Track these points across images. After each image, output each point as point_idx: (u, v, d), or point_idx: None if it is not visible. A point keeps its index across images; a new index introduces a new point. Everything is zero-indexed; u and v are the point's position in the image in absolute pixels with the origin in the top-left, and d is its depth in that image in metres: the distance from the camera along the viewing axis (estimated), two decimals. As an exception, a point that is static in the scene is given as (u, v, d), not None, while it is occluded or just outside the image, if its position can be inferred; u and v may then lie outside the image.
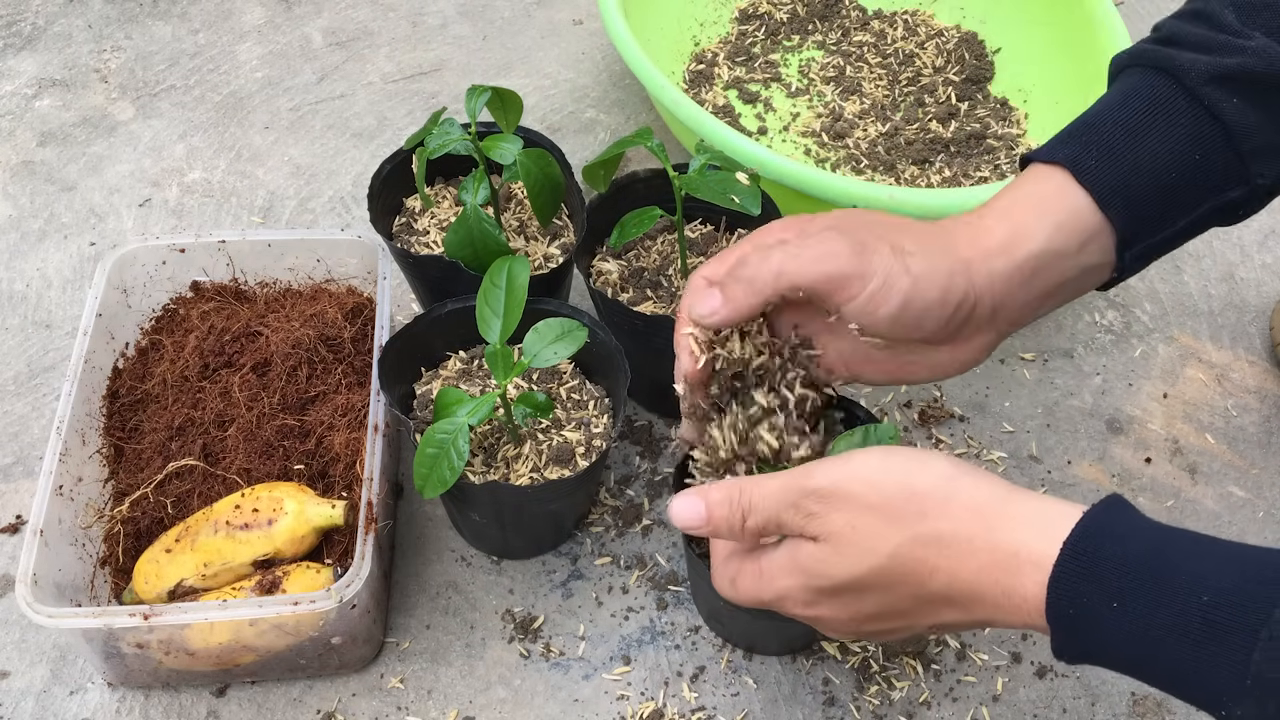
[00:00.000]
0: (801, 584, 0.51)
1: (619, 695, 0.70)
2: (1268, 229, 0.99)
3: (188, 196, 0.98)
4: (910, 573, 0.48)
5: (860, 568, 0.49)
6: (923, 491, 0.48)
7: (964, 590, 0.47)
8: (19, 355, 0.86)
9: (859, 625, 0.52)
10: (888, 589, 0.49)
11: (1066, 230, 0.54)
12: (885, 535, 0.48)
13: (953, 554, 0.47)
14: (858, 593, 0.50)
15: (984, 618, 0.48)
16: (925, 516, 0.48)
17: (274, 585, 0.65)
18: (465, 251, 0.72)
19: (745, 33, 1.12)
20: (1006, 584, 0.46)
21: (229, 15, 1.15)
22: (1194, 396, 0.87)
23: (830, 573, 0.50)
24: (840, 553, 0.49)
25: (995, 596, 0.46)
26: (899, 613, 0.50)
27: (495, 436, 0.70)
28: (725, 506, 0.52)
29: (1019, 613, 0.46)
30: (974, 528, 0.47)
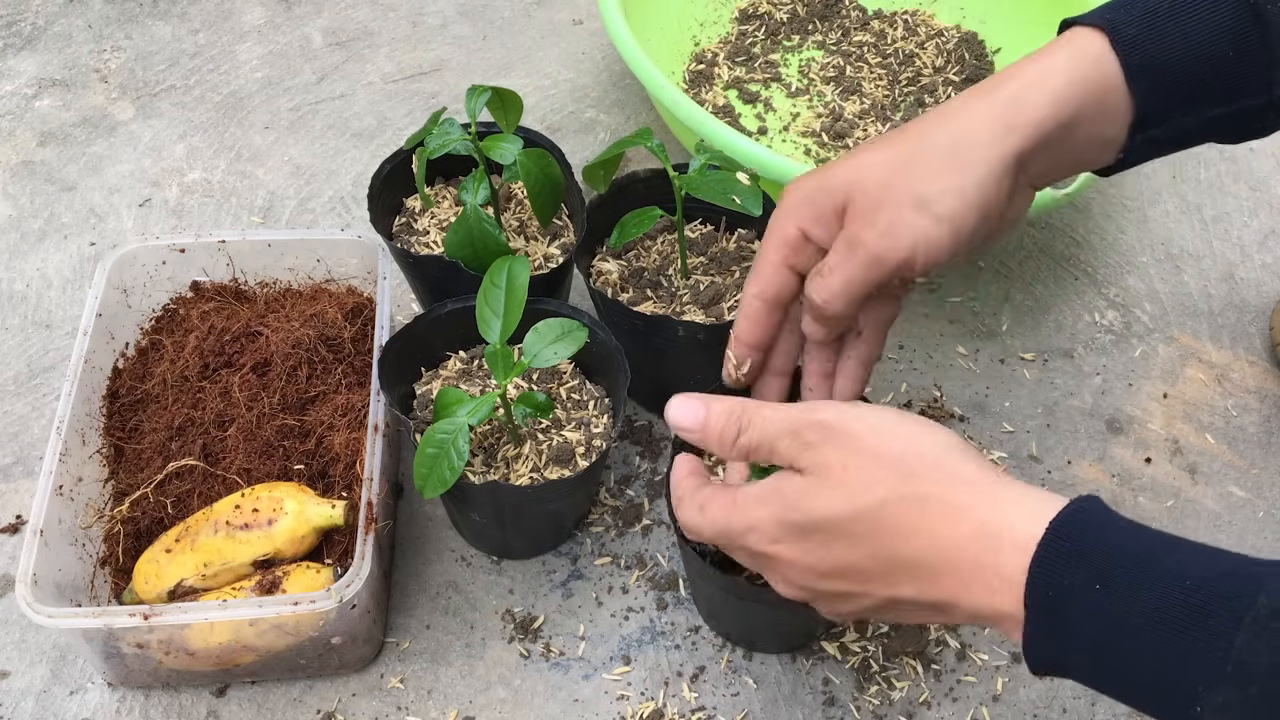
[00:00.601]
0: (774, 515, 0.50)
1: (619, 695, 0.70)
2: (1268, 229, 0.99)
3: (188, 196, 0.98)
4: (888, 528, 0.47)
5: (840, 508, 0.48)
6: (923, 453, 0.48)
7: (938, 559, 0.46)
8: (19, 355, 0.86)
9: (811, 579, 0.50)
10: (858, 539, 0.48)
11: (1091, 98, 0.54)
12: (876, 482, 0.48)
13: (937, 519, 0.46)
14: (827, 535, 0.49)
15: (944, 597, 0.47)
16: (918, 477, 0.47)
17: (274, 585, 0.65)
18: (465, 251, 0.72)
19: (745, 33, 1.12)
20: (984, 560, 0.45)
21: (229, 15, 1.15)
22: (1194, 396, 0.87)
23: (808, 505, 0.49)
24: (825, 487, 0.49)
25: (969, 571, 0.45)
26: (859, 572, 0.49)
27: (495, 436, 0.70)
28: (724, 417, 0.52)
29: (987, 593, 0.45)
30: (965, 499, 0.46)
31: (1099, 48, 0.54)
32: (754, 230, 0.80)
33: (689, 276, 0.77)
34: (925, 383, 0.86)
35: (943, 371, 0.87)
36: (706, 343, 0.73)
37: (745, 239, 0.80)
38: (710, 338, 0.72)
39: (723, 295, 0.75)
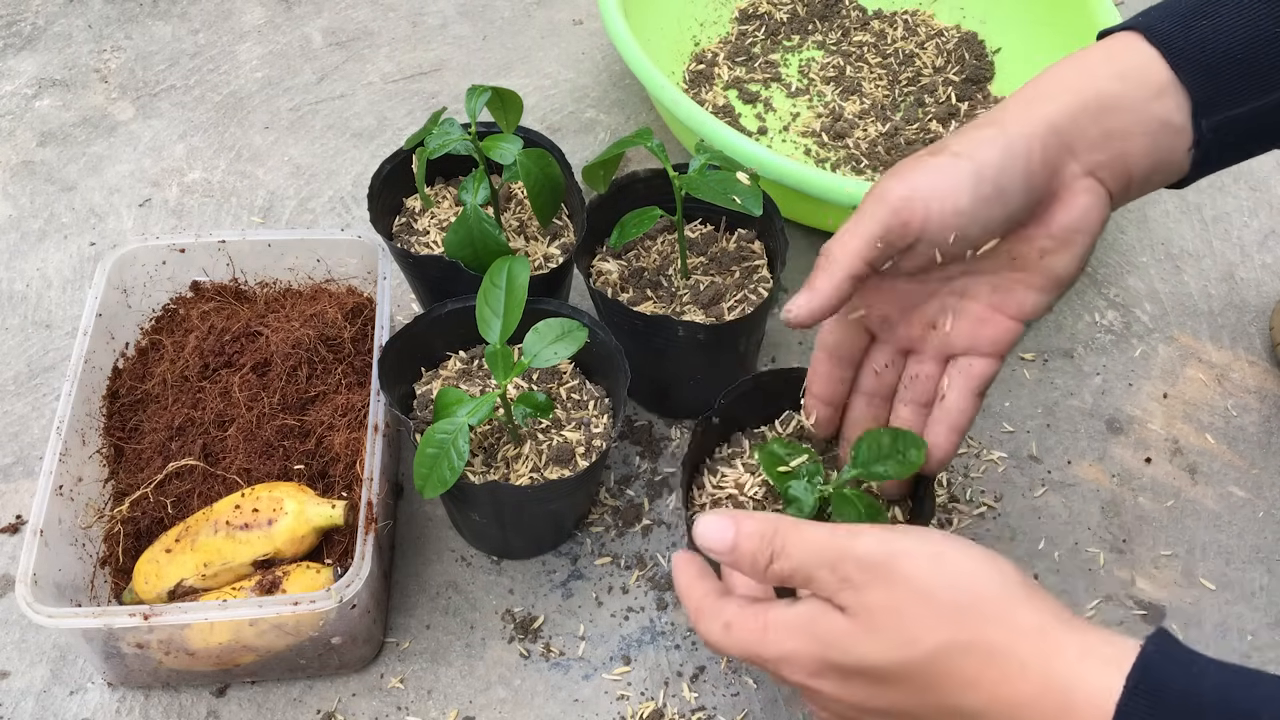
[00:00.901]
0: (813, 653, 0.46)
1: (619, 695, 0.70)
2: (1268, 229, 0.99)
3: (188, 196, 0.98)
4: (944, 679, 0.43)
5: (889, 657, 0.44)
6: (984, 594, 0.44)
7: (999, 715, 0.43)
8: (19, 355, 0.86)
9: (861, 715, 0.47)
10: (911, 689, 0.44)
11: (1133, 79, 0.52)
12: (929, 630, 0.43)
13: (1000, 672, 0.42)
14: (875, 683, 0.45)
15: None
16: (976, 623, 0.43)
17: (274, 585, 0.65)
18: (465, 251, 0.72)
19: (745, 33, 1.12)
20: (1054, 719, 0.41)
21: (229, 15, 1.15)
22: (1194, 396, 0.87)
23: (853, 651, 0.45)
24: (871, 634, 0.45)
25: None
26: (909, 714, 0.45)
27: (495, 436, 0.70)
28: (755, 540, 0.48)
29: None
30: (1031, 650, 0.42)
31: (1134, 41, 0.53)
32: (754, 230, 0.80)
33: (689, 276, 0.77)
34: (925, 383, 0.86)
35: (943, 371, 0.87)
36: (706, 343, 0.73)
37: (745, 239, 0.80)
38: (710, 338, 0.72)
39: (723, 295, 0.75)
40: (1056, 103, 0.52)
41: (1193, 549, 0.78)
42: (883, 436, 0.59)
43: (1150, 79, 0.52)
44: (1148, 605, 0.75)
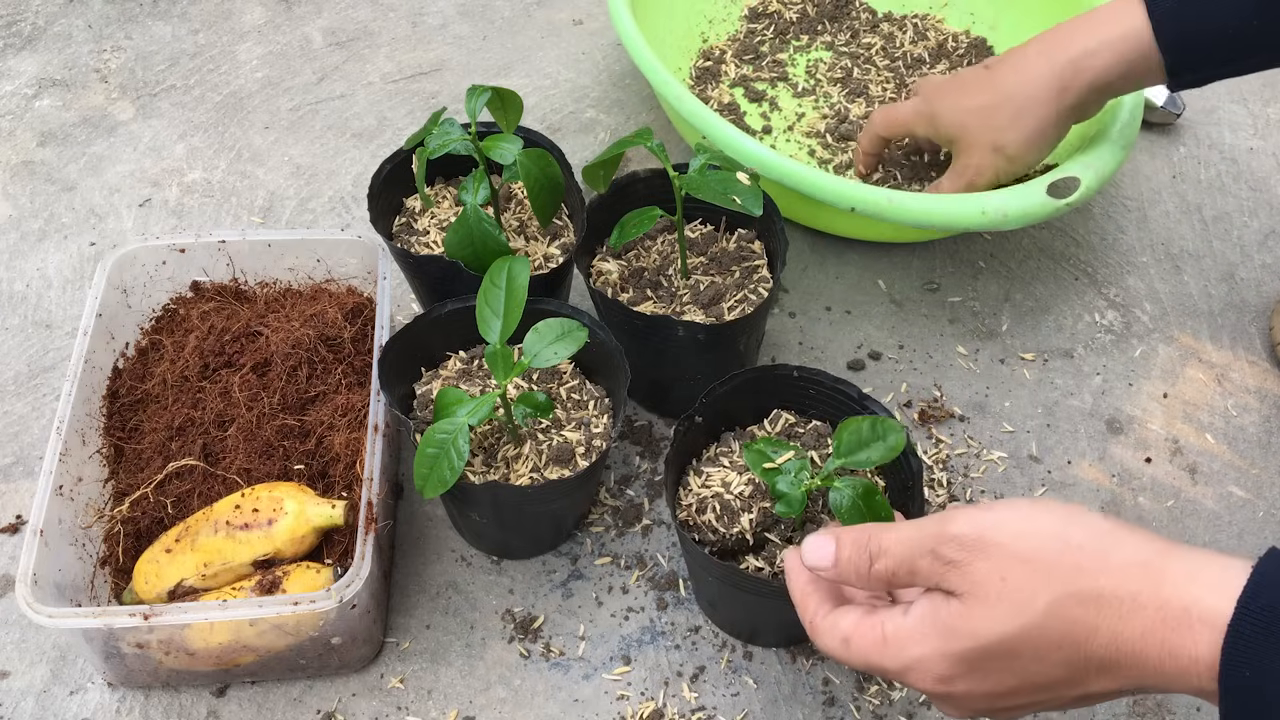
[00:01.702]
0: (939, 650, 0.46)
1: (619, 695, 0.70)
2: (1268, 229, 0.99)
3: (188, 196, 0.98)
4: (1067, 633, 0.44)
5: (1011, 625, 0.45)
6: (1078, 544, 0.45)
7: (1127, 653, 0.43)
8: (19, 355, 0.86)
9: (997, 702, 0.47)
10: (1040, 653, 0.45)
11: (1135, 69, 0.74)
12: (1039, 590, 0.44)
13: (1115, 612, 0.44)
14: (1005, 659, 0.45)
15: (1142, 683, 0.44)
16: (1083, 571, 0.44)
17: (274, 585, 0.65)
18: (465, 251, 0.72)
19: (754, 31, 1.11)
20: (1174, 644, 0.42)
21: (229, 15, 1.15)
22: (1194, 396, 0.87)
23: (976, 631, 0.45)
24: (988, 608, 0.45)
25: (1160, 658, 0.43)
26: (1047, 683, 0.46)
27: (495, 436, 0.70)
28: (852, 548, 0.50)
29: (1186, 676, 0.42)
30: (1138, 584, 0.44)
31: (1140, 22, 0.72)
32: (754, 230, 0.80)
33: (689, 276, 0.77)
34: (925, 383, 0.86)
35: (943, 371, 0.87)
36: (706, 343, 0.73)
37: (745, 239, 0.80)
38: (710, 338, 0.72)
39: (723, 295, 0.75)
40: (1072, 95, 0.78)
41: (1193, 549, 0.78)
42: (862, 424, 0.60)
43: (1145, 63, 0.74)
44: (1148, 605, 0.75)
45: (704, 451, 0.71)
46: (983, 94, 0.80)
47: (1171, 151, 1.05)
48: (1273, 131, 1.08)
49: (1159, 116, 1.05)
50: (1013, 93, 0.78)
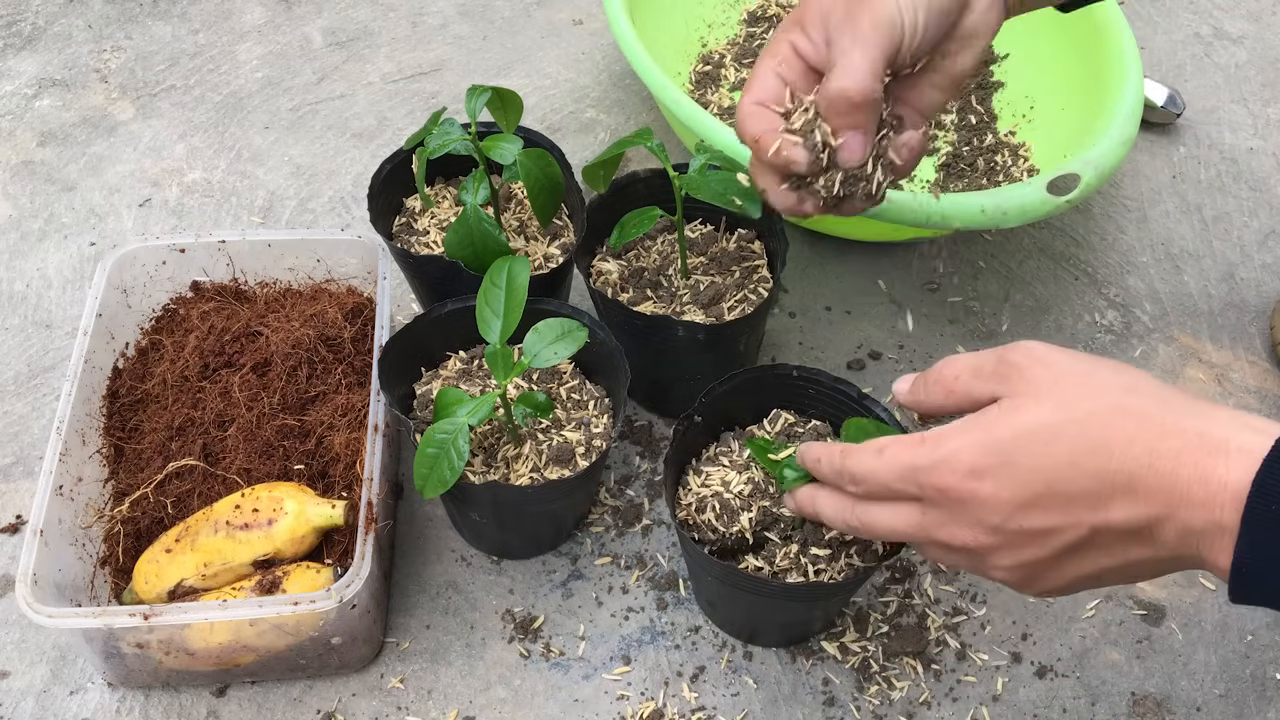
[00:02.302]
0: (975, 440, 0.47)
1: (619, 695, 0.70)
2: (1268, 229, 0.99)
3: (188, 196, 0.98)
4: (1105, 438, 0.45)
5: (1052, 416, 0.46)
6: (1135, 379, 0.47)
7: (1159, 471, 0.44)
8: (19, 355, 0.86)
9: (1008, 513, 0.47)
10: (1075, 453, 0.45)
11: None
12: (1087, 396, 0.46)
13: (1156, 429, 0.44)
14: (1038, 449, 0.46)
15: (1159, 511, 0.44)
16: (1133, 391, 0.46)
17: (274, 585, 0.65)
18: (465, 251, 0.72)
19: (753, 35, 1.11)
20: (1207, 466, 0.43)
21: (229, 15, 1.15)
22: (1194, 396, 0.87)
23: (1017, 421, 0.46)
24: (1034, 401, 0.47)
25: (1189, 482, 0.43)
26: (1065, 494, 0.46)
27: (495, 436, 0.70)
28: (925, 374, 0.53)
29: (1211, 505, 0.43)
30: (1184, 413, 0.45)
31: None
32: (753, 230, 0.80)
33: (689, 276, 0.77)
34: (925, 383, 0.86)
35: (943, 371, 0.87)
36: (706, 343, 0.73)
37: (745, 239, 0.80)
38: (710, 338, 0.72)
39: (723, 295, 0.75)
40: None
41: (1193, 549, 0.78)
42: (869, 427, 0.61)
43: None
44: (1148, 605, 0.75)
45: (704, 451, 0.71)
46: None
47: (1171, 151, 1.05)
48: (1273, 131, 1.08)
49: (1159, 116, 1.05)
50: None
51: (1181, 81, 1.12)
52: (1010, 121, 1.03)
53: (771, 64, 0.60)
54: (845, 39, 0.56)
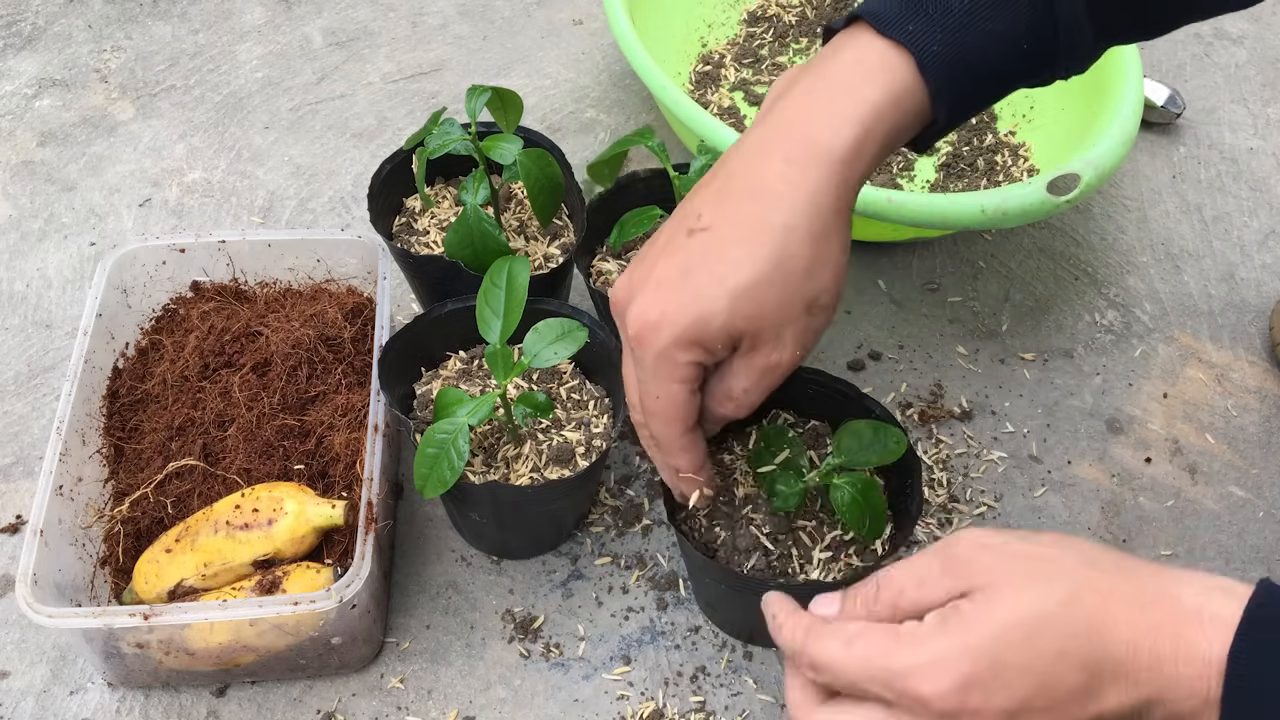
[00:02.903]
0: (961, 644, 0.43)
1: (619, 695, 0.70)
2: (1268, 229, 0.99)
3: (188, 196, 0.98)
4: (1088, 622, 0.42)
5: (1035, 606, 0.43)
6: (1085, 549, 0.45)
7: (1140, 648, 0.42)
8: (19, 355, 0.86)
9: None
10: (1062, 646, 0.42)
11: (898, 133, 0.52)
12: (1058, 578, 0.43)
13: (1134, 604, 0.43)
14: (1027, 649, 0.42)
15: (1149, 695, 0.42)
16: (1095, 566, 0.44)
17: (274, 585, 0.65)
18: (465, 251, 0.72)
19: (753, 35, 1.11)
20: (1189, 641, 0.41)
21: (229, 15, 1.15)
22: (1194, 396, 0.87)
23: (999, 616, 0.43)
24: (1013, 590, 0.43)
25: (1174, 659, 0.42)
26: (1065, 692, 0.42)
27: (495, 436, 0.70)
28: (858, 588, 0.49)
29: (1198, 681, 0.41)
30: (1148, 578, 0.43)
31: (909, 82, 0.51)
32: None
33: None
34: (925, 383, 0.86)
35: (943, 371, 0.87)
36: (706, 343, 0.73)
37: (745, 239, 0.80)
38: (710, 338, 0.72)
39: (723, 295, 0.75)
40: (840, 137, 0.50)
41: (1193, 549, 0.78)
42: (864, 430, 0.61)
43: (912, 114, 0.52)
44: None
45: None
46: (754, 262, 0.51)
47: (1171, 151, 1.05)
48: (1273, 131, 1.08)
49: (1159, 116, 1.05)
50: (782, 249, 0.50)
51: (1181, 81, 1.12)
52: (1010, 121, 1.03)
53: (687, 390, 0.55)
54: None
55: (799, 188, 0.50)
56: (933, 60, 0.50)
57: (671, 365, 0.53)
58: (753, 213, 0.51)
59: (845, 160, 0.50)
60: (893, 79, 0.51)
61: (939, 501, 0.79)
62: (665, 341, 0.52)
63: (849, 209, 0.52)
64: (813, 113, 0.51)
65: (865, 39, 0.52)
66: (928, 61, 0.51)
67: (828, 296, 0.53)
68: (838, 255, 0.52)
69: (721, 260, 0.51)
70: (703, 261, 0.51)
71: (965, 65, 0.51)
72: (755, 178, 0.51)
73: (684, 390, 0.54)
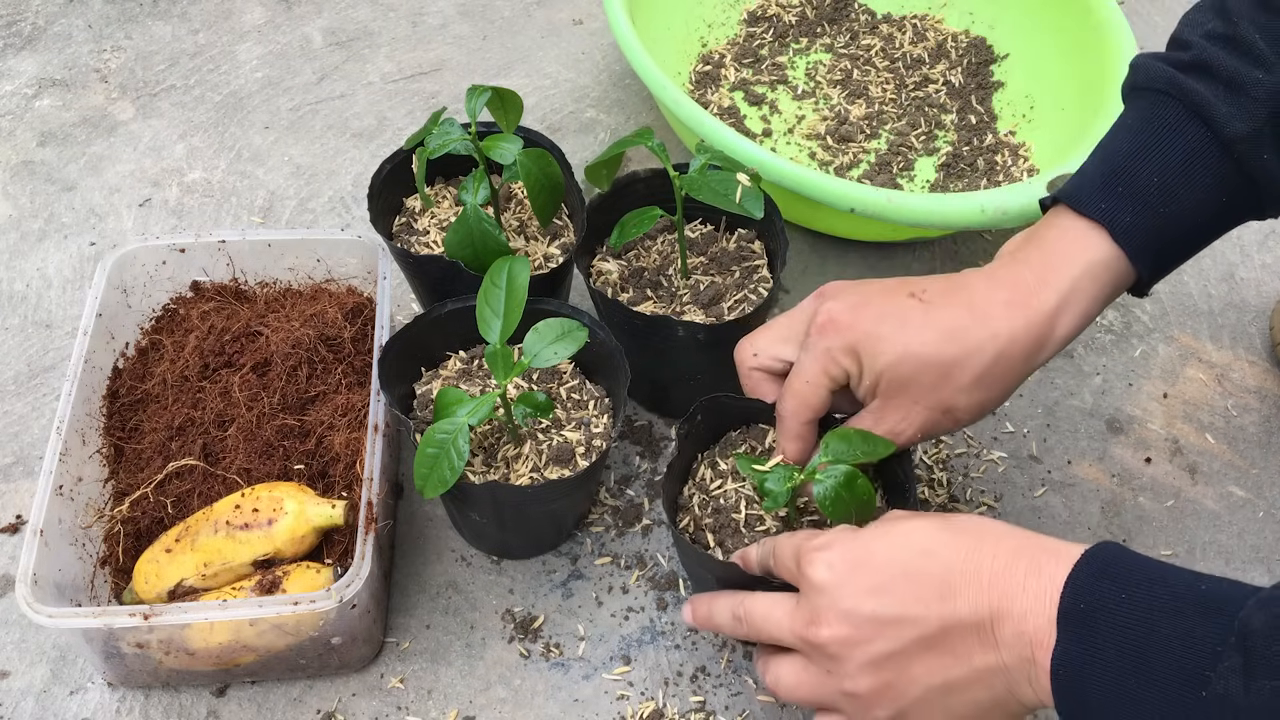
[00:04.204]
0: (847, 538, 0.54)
1: (619, 695, 0.70)
2: (1268, 229, 0.99)
3: (188, 196, 0.98)
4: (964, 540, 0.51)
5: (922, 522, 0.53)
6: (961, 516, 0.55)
7: (1000, 565, 0.49)
8: (19, 355, 0.86)
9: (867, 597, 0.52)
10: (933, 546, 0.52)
11: (1105, 294, 0.60)
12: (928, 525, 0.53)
13: (1005, 537, 0.51)
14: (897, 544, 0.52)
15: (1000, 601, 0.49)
16: (998, 522, 0.53)
17: (274, 585, 0.65)
18: (465, 251, 0.72)
19: (753, 34, 1.11)
20: (1041, 564, 0.49)
21: (229, 15, 1.15)
22: (1194, 396, 0.87)
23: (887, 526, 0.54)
24: (911, 519, 0.54)
25: (1023, 574, 0.49)
26: (921, 584, 0.51)
27: (495, 436, 0.70)
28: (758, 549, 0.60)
29: (1040, 599, 0.48)
30: (1016, 530, 0.52)
31: (1109, 251, 0.59)
32: (754, 230, 0.80)
33: (689, 276, 0.77)
34: (925, 383, 0.86)
35: (943, 371, 0.87)
36: (706, 343, 0.73)
37: (745, 239, 0.80)
38: (710, 338, 0.72)
39: (723, 295, 0.75)
40: (1046, 352, 0.60)
41: (1193, 549, 0.78)
42: (852, 434, 0.61)
43: (1114, 281, 0.60)
44: None
45: (703, 453, 0.71)
46: (932, 338, 0.59)
47: (1171, 151, 1.05)
48: (1273, 131, 1.07)
49: (1159, 116, 1.05)
50: (978, 348, 0.59)
51: (1181, 81, 1.12)
52: (1010, 121, 1.03)
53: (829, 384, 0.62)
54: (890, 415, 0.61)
55: (1009, 323, 0.59)
56: (1124, 229, 0.58)
57: (829, 361, 0.61)
58: (963, 317, 0.59)
59: (1050, 316, 0.59)
60: (1090, 253, 0.59)
61: (939, 501, 0.79)
62: (838, 341, 0.61)
63: (1034, 365, 0.60)
64: (1029, 274, 0.60)
65: (1067, 218, 0.61)
66: (1119, 232, 0.58)
67: (967, 416, 0.61)
68: (997, 394, 0.60)
69: (918, 327, 0.59)
70: (902, 317, 0.60)
71: (1159, 230, 0.59)
72: (981, 299, 0.60)
73: (825, 384, 0.62)
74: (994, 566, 0.50)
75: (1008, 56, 1.08)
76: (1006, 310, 0.59)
